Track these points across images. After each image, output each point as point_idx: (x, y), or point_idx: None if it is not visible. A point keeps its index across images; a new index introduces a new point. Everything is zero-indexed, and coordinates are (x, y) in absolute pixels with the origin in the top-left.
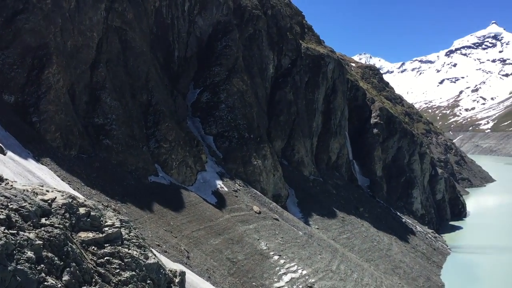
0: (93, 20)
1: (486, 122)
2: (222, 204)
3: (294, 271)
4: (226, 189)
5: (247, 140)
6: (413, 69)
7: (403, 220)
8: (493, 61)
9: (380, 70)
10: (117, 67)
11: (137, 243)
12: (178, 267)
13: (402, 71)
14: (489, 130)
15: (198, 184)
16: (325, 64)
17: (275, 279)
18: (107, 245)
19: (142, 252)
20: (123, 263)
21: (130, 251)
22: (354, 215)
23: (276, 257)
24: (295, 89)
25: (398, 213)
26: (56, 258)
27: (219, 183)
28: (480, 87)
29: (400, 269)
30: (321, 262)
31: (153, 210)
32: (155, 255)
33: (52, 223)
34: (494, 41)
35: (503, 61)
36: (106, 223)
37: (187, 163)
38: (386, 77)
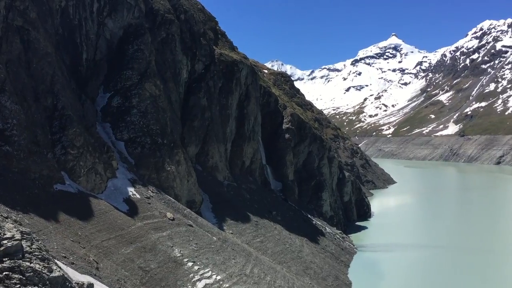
0: None
1: (388, 128)
2: (134, 211)
3: (208, 277)
4: (138, 196)
5: (160, 145)
6: (322, 77)
7: (314, 222)
8: (394, 70)
9: (291, 77)
10: (19, 68)
11: (40, 256)
12: (86, 279)
13: (312, 78)
14: (390, 135)
15: (108, 191)
16: (239, 70)
17: (189, 286)
18: (6, 259)
19: (46, 265)
20: (24, 278)
21: (32, 265)
22: (267, 219)
23: (190, 264)
24: (209, 95)
25: (309, 216)
26: None
27: (131, 190)
28: (382, 95)
29: (311, 270)
30: (235, 266)
31: (59, 220)
32: (60, 267)
33: None
34: (394, 52)
35: (402, 71)
36: (5, 236)
37: (96, 170)
38: (297, 84)
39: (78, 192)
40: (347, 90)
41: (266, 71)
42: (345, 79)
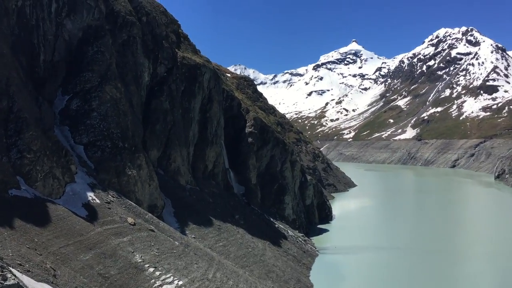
0: None
1: (348, 132)
2: (93, 217)
3: (170, 282)
4: (98, 201)
5: (121, 149)
6: (284, 81)
7: (276, 226)
8: (354, 76)
9: (254, 81)
10: None
11: None
12: (42, 286)
13: (274, 83)
14: (351, 139)
15: (66, 196)
16: (201, 74)
17: None
18: None
19: (0, 273)
20: None
21: None
22: (230, 223)
23: (151, 269)
24: (171, 98)
25: (272, 219)
26: None
27: (91, 195)
28: (343, 100)
29: (273, 273)
30: (197, 271)
31: (14, 226)
32: (15, 275)
33: None
34: (354, 57)
35: (362, 76)
36: None
37: (54, 175)
38: (260, 88)
39: (34, 198)
40: (309, 94)
41: (229, 75)
42: (307, 83)
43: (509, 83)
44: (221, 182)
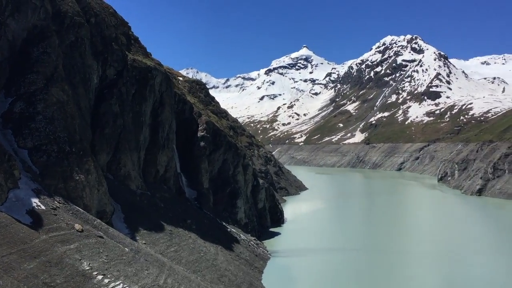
0: None
1: (300, 136)
2: (38, 224)
3: None
4: (43, 207)
5: (68, 154)
6: (237, 85)
7: (229, 230)
8: (305, 81)
9: (207, 85)
10: None
11: None
12: None
13: (227, 87)
14: (302, 143)
15: (9, 203)
16: (153, 77)
17: None
18: None
19: None
20: None
21: None
22: (182, 228)
23: (100, 277)
24: (121, 101)
25: (224, 223)
26: None
27: (35, 201)
28: (294, 104)
29: (226, 277)
30: (148, 277)
31: None
32: None
33: None
34: (305, 63)
35: (313, 81)
36: None
37: None
38: (212, 92)
39: None
40: (261, 98)
41: (181, 78)
42: (259, 88)
43: (450, 89)
44: (173, 186)
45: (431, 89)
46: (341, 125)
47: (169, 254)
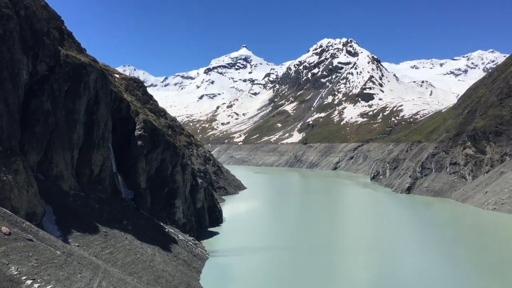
0: None
1: (239, 136)
2: None
3: None
4: None
5: None
6: (176, 84)
7: (166, 230)
8: (244, 80)
9: (145, 83)
10: None
11: None
12: None
13: (165, 85)
14: (241, 143)
15: None
16: (87, 74)
17: None
18: None
19: None
20: None
21: None
22: (118, 229)
23: (29, 282)
24: (53, 98)
25: (162, 224)
26: None
27: None
28: (234, 104)
29: (163, 279)
30: (81, 281)
31: None
32: None
33: None
34: (245, 63)
35: (252, 81)
36: None
37: None
38: (150, 90)
39: None
40: (201, 98)
41: (117, 75)
42: (198, 87)
43: (383, 91)
44: (109, 187)
45: (364, 91)
46: (279, 125)
47: (104, 256)
